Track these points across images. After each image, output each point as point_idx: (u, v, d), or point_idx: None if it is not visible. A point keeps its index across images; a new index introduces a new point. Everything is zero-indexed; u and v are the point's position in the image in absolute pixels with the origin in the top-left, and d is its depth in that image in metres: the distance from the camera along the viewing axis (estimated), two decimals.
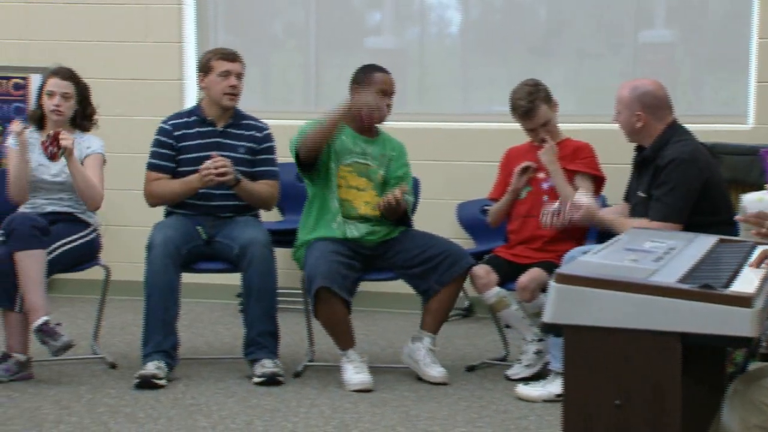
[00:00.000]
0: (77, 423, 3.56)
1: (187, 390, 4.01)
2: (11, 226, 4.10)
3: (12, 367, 4.09)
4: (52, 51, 5.63)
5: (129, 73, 5.94)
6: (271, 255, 4.24)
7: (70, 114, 4.40)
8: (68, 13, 5.99)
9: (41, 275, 4.09)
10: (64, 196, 4.36)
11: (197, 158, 4.29)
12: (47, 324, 4.06)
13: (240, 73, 4.34)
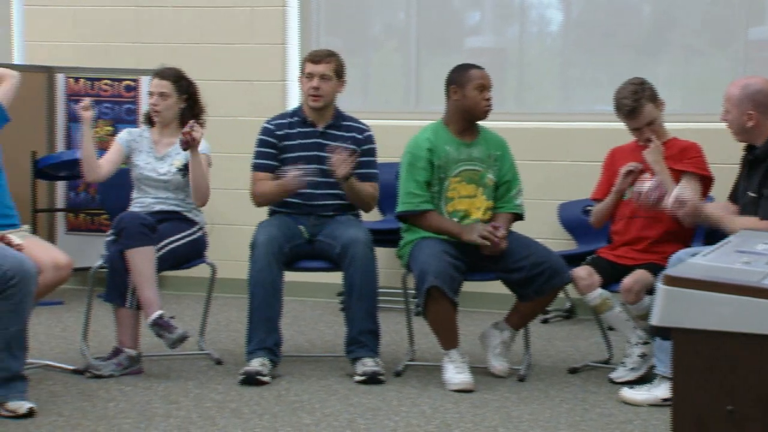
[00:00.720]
0: (185, 417, 3.65)
1: (291, 387, 4.07)
2: (121, 225, 4.22)
3: (123, 362, 4.22)
4: (161, 53, 5.78)
5: (233, 75, 6.06)
6: (372, 254, 4.26)
7: (170, 113, 4.48)
8: (177, 16, 6.14)
9: (153, 271, 4.20)
10: (171, 195, 4.46)
11: (299, 158, 4.35)
12: (162, 317, 4.17)
13: (324, 74, 4.33)
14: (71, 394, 3.91)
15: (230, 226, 5.83)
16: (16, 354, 3.62)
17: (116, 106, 6.06)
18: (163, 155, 4.46)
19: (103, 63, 6.11)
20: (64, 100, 6.08)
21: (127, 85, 6.04)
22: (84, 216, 6.15)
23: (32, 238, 4.20)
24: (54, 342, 4.84)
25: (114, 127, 6.01)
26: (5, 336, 3.57)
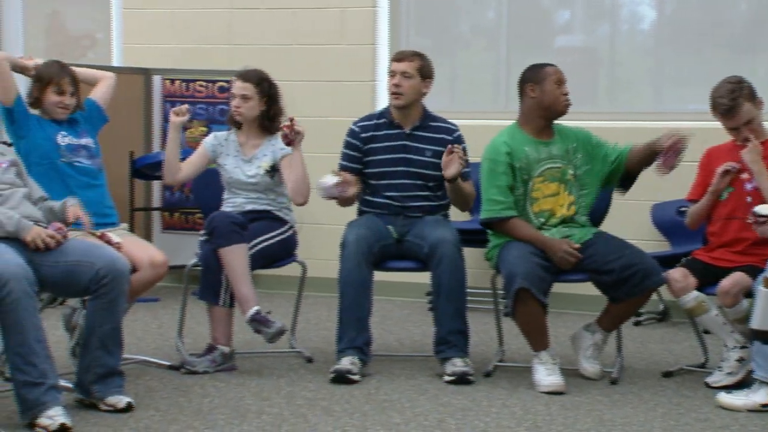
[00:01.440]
0: (277, 414, 3.70)
1: (380, 386, 4.10)
2: (212, 224, 4.29)
3: (217, 359, 4.29)
4: (253, 55, 5.87)
5: (323, 76, 6.12)
6: (461, 254, 4.26)
7: (251, 115, 4.51)
8: (269, 18, 6.23)
9: (247, 268, 4.26)
10: (261, 196, 4.52)
11: (384, 161, 4.36)
12: (259, 313, 4.24)
13: (405, 72, 4.32)
14: (167, 389, 4.00)
15: (319, 225, 5.89)
16: (112, 351, 3.72)
17: (210, 107, 6.17)
18: (250, 158, 4.52)
19: (198, 65, 6.23)
20: (161, 101, 6.22)
21: (220, 86, 6.14)
22: (179, 215, 6.28)
23: (130, 237, 4.31)
24: (150, 338, 4.96)
25: (208, 128, 6.13)
26: (100, 334, 3.67)
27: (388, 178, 4.41)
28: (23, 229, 3.57)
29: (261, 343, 4.76)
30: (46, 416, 3.39)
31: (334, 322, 4.31)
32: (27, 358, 3.40)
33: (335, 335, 4.28)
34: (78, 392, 3.74)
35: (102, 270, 3.60)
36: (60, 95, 4.19)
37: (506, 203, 4.18)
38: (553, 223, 4.22)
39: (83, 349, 3.73)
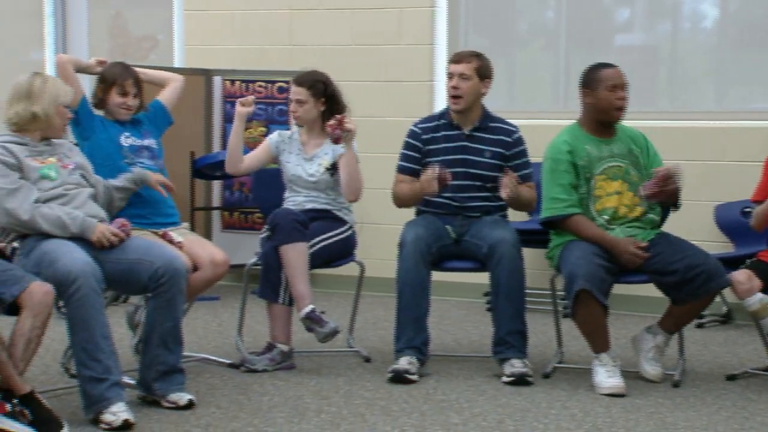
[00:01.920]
0: (336, 413, 3.72)
1: (438, 386, 4.09)
2: (275, 221, 4.33)
3: (276, 357, 4.32)
4: (312, 55, 5.91)
5: (381, 76, 6.13)
6: (520, 254, 4.24)
7: (309, 117, 4.53)
8: (328, 18, 6.26)
9: (306, 266, 4.28)
10: (322, 195, 4.54)
11: (443, 161, 4.35)
12: (314, 312, 4.26)
13: (463, 74, 4.30)
14: (228, 387, 4.04)
15: (377, 225, 5.90)
16: (172, 348, 3.77)
17: (269, 108, 6.22)
18: (311, 156, 4.55)
19: (258, 65, 6.29)
20: (221, 102, 6.29)
21: (279, 87, 6.19)
22: (238, 214, 6.34)
23: (191, 236, 4.36)
24: (211, 336, 5.01)
25: (267, 128, 6.18)
26: (160, 331, 3.72)
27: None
28: (88, 228, 3.63)
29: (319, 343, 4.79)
30: (110, 412, 3.46)
31: (392, 322, 4.32)
32: (93, 354, 3.48)
33: (393, 335, 4.29)
34: (140, 389, 3.80)
35: (161, 269, 3.65)
36: (123, 96, 4.25)
37: (569, 201, 4.15)
38: (617, 223, 4.17)
39: (145, 346, 3.79)
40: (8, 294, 3.36)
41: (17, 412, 3.28)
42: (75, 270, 3.44)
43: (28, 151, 3.69)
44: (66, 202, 3.69)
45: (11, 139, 3.69)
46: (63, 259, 3.48)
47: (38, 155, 3.71)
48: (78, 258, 3.50)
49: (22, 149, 3.68)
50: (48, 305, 3.42)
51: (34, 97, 3.68)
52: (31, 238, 3.62)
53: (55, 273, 3.45)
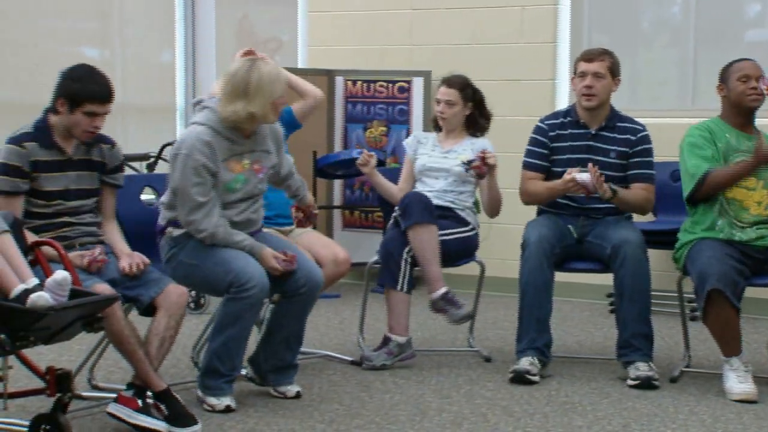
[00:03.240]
0: (457, 413, 3.72)
1: (561, 388, 4.05)
2: (405, 202, 4.34)
3: (393, 350, 4.32)
4: (432, 55, 5.92)
5: (503, 74, 6.09)
6: (645, 256, 4.15)
7: (456, 120, 4.54)
8: (448, 18, 6.26)
9: (437, 249, 4.28)
10: (449, 189, 4.51)
11: (568, 160, 4.30)
12: (448, 293, 4.27)
13: (597, 73, 4.23)
14: (350, 384, 4.09)
15: (498, 225, 5.83)
16: (293, 347, 3.91)
17: (390, 107, 6.26)
18: (447, 150, 4.56)
19: (379, 65, 6.33)
20: (343, 102, 6.36)
21: (400, 87, 6.22)
22: (359, 213, 6.40)
23: (314, 234, 4.42)
24: (332, 333, 5.08)
25: (387, 128, 6.22)
26: (286, 333, 3.86)
27: None
28: (257, 255, 3.70)
29: (440, 341, 4.81)
30: (216, 397, 3.66)
31: (512, 322, 4.29)
32: (229, 352, 3.68)
33: (514, 335, 4.26)
34: (252, 370, 3.94)
35: (301, 279, 3.78)
36: None
37: (704, 166, 4.03)
38: (747, 222, 4.05)
39: (266, 338, 3.91)
40: (146, 296, 3.50)
41: (151, 407, 3.40)
42: (254, 278, 3.58)
43: (230, 152, 3.68)
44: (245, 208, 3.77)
45: (222, 132, 3.66)
46: (240, 262, 3.61)
47: (237, 156, 3.70)
48: (255, 265, 3.63)
49: (226, 148, 3.67)
50: (182, 306, 3.54)
51: (251, 96, 3.60)
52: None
53: (229, 273, 3.58)
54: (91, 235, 3.60)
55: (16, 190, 3.43)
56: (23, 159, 3.43)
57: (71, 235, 3.53)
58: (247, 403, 3.79)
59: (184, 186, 3.62)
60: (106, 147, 3.66)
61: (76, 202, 3.56)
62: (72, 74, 3.47)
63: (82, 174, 3.58)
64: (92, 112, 3.45)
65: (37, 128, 3.51)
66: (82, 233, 3.57)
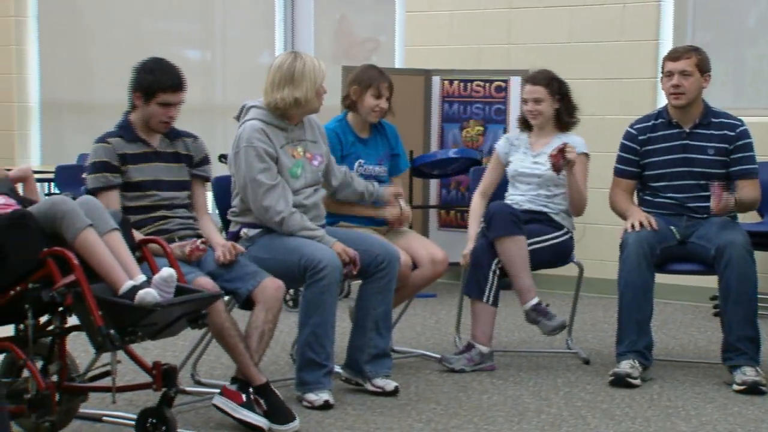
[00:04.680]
0: (556, 414, 3.68)
1: (663, 391, 3.97)
2: (490, 214, 4.31)
3: (474, 357, 4.28)
4: (530, 54, 5.87)
5: (603, 73, 6.01)
6: (751, 257, 4.05)
7: (546, 116, 4.48)
8: (547, 17, 6.20)
9: (526, 259, 4.24)
10: (542, 193, 4.47)
11: (663, 162, 4.24)
12: (540, 304, 4.24)
13: (684, 71, 4.16)
14: (447, 384, 4.08)
15: (597, 225, 5.78)
16: (383, 333, 3.94)
17: (486, 107, 6.23)
18: (538, 152, 4.51)
19: (476, 65, 6.31)
20: (439, 102, 6.36)
21: (497, 86, 6.18)
22: (455, 213, 6.38)
23: (411, 234, 4.42)
24: (429, 333, 5.08)
25: (484, 127, 6.20)
26: (374, 316, 3.90)
27: (668, 179, 4.28)
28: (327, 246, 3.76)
29: (537, 342, 4.76)
30: (314, 393, 3.70)
31: (611, 324, 4.23)
32: (320, 340, 3.71)
33: (613, 337, 4.20)
34: (347, 372, 3.97)
35: (380, 256, 3.85)
36: (377, 99, 4.26)
37: None
38: None
39: (357, 330, 3.96)
40: (244, 289, 3.56)
41: (253, 402, 3.46)
42: (325, 259, 3.64)
43: (285, 138, 3.83)
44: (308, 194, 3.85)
45: (272, 122, 3.82)
46: (310, 247, 3.68)
47: (292, 142, 3.84)
48: (325, 248, 3.70)
49: (280, 136, 3.82)
50: (279, 299, 3.59)
51: (296, 82, 3.78)
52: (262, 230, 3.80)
53: (302, 258, 3.65)
54: (188, 228, 3.68)
55: (108, 184, 3.54)
56: (110, 154, 3.55)
57: (170, 228, 3.62)
58: (345, 401, 3.81)
59: (253, 174, 3.72)
60: (189, 140, 3.77)
61: (170, 193, 3.66)
62: (144, 67, 3.60)
63: (171, 166, 3.68)
64: (166, 102, 3.57)
65: (120, 126, 3.64)
66: (180, 226, 3.66)
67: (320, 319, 3.69)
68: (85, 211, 3.08)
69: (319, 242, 3.75)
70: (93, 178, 3.54)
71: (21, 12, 7.77)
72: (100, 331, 2.95)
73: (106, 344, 2.96)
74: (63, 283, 2.95)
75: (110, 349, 3.02)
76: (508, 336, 4.81)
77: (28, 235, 3.01)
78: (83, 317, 2.99)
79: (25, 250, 3.00)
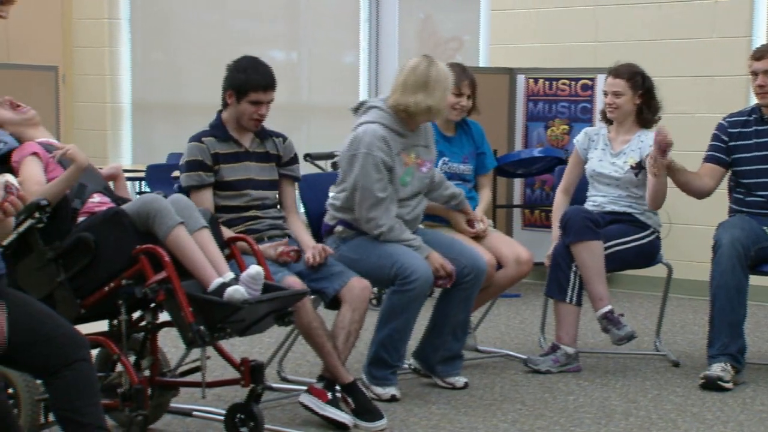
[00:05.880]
0: (645, 417, 3.62)
1: (756, 396, 3.88)
2: (565, 219, 4.26)
3: (560, 359, 4.23)
4: (618, 51, 5.77)
5: (693, 70, 5.90)
6: None
7: (624, 110, 4.39)
8: (635, 13, 6.11)
9: (601, 265, 4.19)
10: (623, 194, 4.40)
11: (756, 158, 4.16)
12: (612, 313, 4.18)
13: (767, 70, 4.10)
14: (532, 384, 4.05)
15: (687, 226, 5.67)
16: (460, 337, 3.99)
17: (572, 105, 6.16)
18: (618, 152, 4.43)
19: (562, 63, 6.24)
20: (524, 101, 6.31)
21: (583, 84, 6.11)
22: (539, 212, 6.33)
23: (495, 233, 4.39)
24: (513, 333, 5.04)
25: (569, 126, 6.13)
26: (453, 322, 3.92)
27: (762, 176, 4.18)
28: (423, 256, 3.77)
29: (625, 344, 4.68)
30: (382, 387, 3.75)
31: (702, 326, 4.16)
32: (395, 343, 3.75)
33: (703, 340, 4.13)
34: (417, 363, 4.01)
35: (467, 268, 3.83)
36: (457, 97, 4.24)
37: None
38: None
39: (433, 330, 3.97)
40: (330, 289, 3.59)
41: (340, 400, 3.48)
42: (417, 270, 3.65)
43: (402, 145, 3.81)
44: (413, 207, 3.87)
45: (393, 126, 3.79)
46: (404, 255, 3.69)
47: (407, 150, 3.83)
48: (418, 258, 3.70)
49: (398, 142, 3.79)
50: (365, 299, 3.61)
51: (430, 89, 3.74)
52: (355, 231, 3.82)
53: (394, 265, 3.66)
54: (277, 228, 3.72)
55: (201, 183, 3.59)
56: (204, 153, 3.60)
57: (260, 228, 3.66)
58: (430, 400, 3.82)
59: (366, 183, 3.70)
60: (279, 140, 3.80)
61: (261, 192, 3.69)
62: (237, 66, 3.64)
63: (262, 165, 3.72)
64: (257, 101, 3.60)
65: (213, 126, 3.69)
66: (270, 226, 3.69)
67: (401, 325, 3.72)
68: (175, 210, 3.14)
69: (414, 251, 3.74)
70: (187, 177, 3.60)
71: (114, 14, 7.96)
72: (190, 327, 3.01)
73: (196, 340, 3.01)
74: (155, 280, 3.02)
75: (200, 345, 3.08)
76: (594, 337, 4.75)
77: (122, 233, 3.08)
78: (174, 313, 3.06)
79: (119, 247, 3.07)
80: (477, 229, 4.18)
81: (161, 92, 8.09)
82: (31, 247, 3.06)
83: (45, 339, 2.54)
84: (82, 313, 3.09)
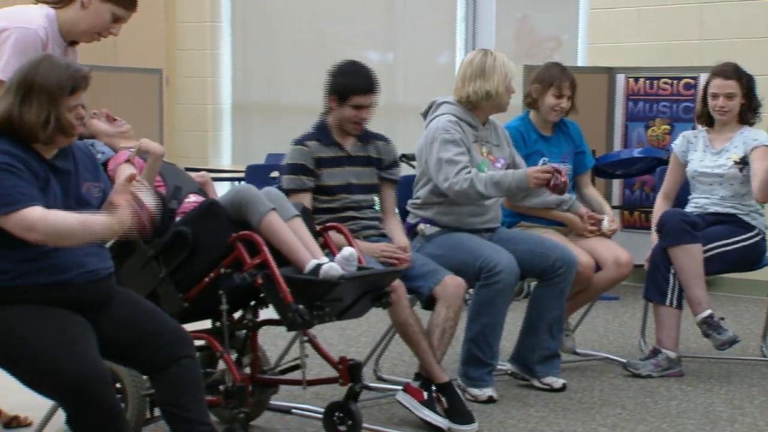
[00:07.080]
0: (751, 424, 3.53)
1: None
2: (662, 222, 4.18)
3: (661, 363, 4.14)
4: (723, 49, 5.63)
5: None
6: None
7: (734, 113, 4.29)
8: (743, 10, 5.95)
9: (699, 269, 4.09)
10: (726, 194, 4.27)
11: None
12: (712, 317, 4.08)
13: None
14: (632, 388, 3.98)
15: None
16: (555, 335, 3.95)
17: (674, 105, 6.04)
18: (719, 150, 4.32)
19: (664, 62, 6.12)
20: (623, 100, 6.21)
21: (686, 84, 5.98)
22: (638, 213, 6.22)
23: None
24: (612, 336, 4.96)
25: (671, 126, 6.01)
26: (548, 319, 3.90)
27: None
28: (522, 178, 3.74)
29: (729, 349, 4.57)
30: (478, 388, 3.73)
31: None
32: (488, 339, 3.74)
33: None
34: (514, 366, 3.98)
35: (558, 261, 3.82)
36: (558, 98, 4.20)
37: None
38: None
39: (529, 330, 3.94)
40: (425, 287, 3.59)
41: (434, 399, 3.48)
42: (502, 262, 3.65)
43: (474, 136, 3.86)
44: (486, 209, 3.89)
45: (464, 117, 3.85)
46: (488, 249, 3.70)
47: (479, 141, 3.87)
48: (503, 251, 3.70)
49: (470, 133, 3.85)
50: (460, 297, 3.60)
51: (487, 76, 3.82)
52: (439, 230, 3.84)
53: (478, 259, 3.66)
54: (373, 228, 3.73)
55: (302, 187, 3.61)
56: (307, 157, 3.62)
57: (355, 228, 3.66)
58: (528, 402, 3.78)
59: (448, 156, 3.72)
60: (381, 143, 3.80)
61: (359, 196, 3.71)
62: (339, 71, 3.66)
63: (362, 170, 3.73)
64: (359, 105, 3.62)
65: (318, 129, 3.71)
66: (365, 226, 3.71)
67: (490, 320, 3.71)
68: (267, 199, 3.19)
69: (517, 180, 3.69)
70: (288, 179, 3.63)
71: (216, 18, 8.11)
72: (289, 308, 3.02)
73: (296, 320, 3.02)
74: (252, 264, 3.06)
75: (300, 327, 3.08)
76: (697, 341, 4.64)
77: (217, 223, 3.12)
78: (273, 296, 3.08)
79: (215, 237, 3.11)
80: (605, 228, 4.15)
81: (260, 94, 8.21)
82: (132, 247, 3.13)
83: (152, 336, 2.61)
84: (185, 307, 3.13)
